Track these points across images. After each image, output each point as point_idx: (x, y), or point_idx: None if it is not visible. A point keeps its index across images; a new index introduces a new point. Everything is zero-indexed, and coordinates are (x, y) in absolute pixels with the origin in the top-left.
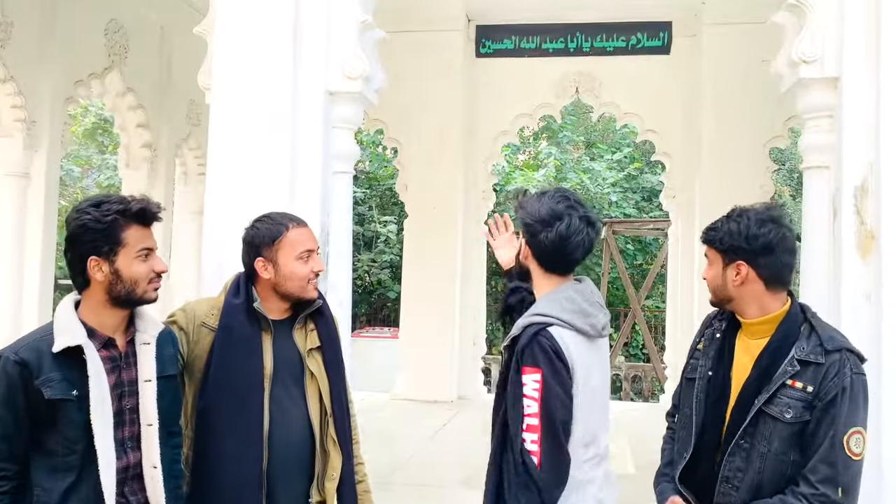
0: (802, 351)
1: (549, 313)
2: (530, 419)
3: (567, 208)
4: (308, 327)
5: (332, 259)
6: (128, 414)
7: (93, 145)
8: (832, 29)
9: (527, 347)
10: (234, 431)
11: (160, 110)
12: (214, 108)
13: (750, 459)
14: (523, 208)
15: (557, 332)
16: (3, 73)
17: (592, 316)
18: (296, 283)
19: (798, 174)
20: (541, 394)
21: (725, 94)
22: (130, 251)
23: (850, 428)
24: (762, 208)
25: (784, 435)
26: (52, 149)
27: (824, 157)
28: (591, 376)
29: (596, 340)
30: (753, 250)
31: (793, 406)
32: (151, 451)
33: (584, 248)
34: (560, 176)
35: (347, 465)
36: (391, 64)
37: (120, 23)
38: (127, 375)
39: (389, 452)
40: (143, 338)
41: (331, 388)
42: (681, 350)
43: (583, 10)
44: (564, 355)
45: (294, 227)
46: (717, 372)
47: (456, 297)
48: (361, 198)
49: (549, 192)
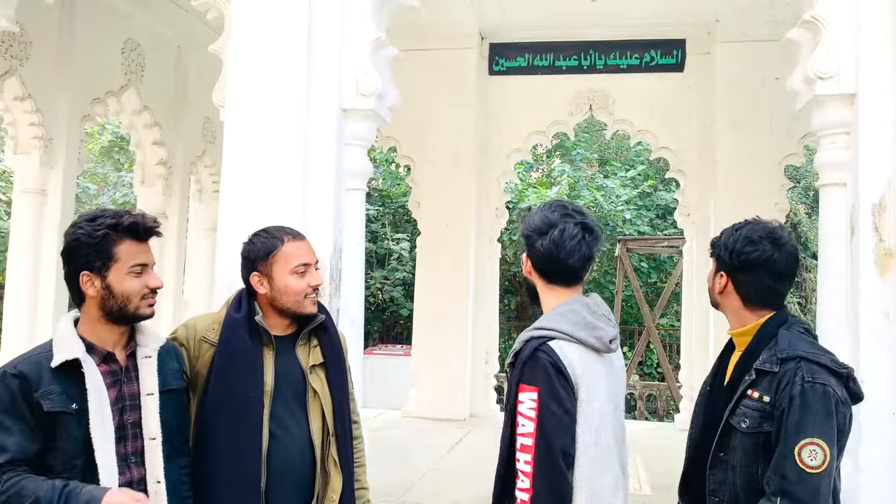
0: (760, 360)
1: (550, 326)
2: (524, 439)
3: (562, 217)
4: (311, 343)
5: (344, 276)
6: (130, 428)
7: (109, 163)
8: (848, 45)
9: (526, 363)
10: (232, 449)
11: (176, 128)
12: (228, 125)
13: (727, 472)
14: (523, 223)
15: (559, 346)
16: (21, 91)
17: (598, 328)
18: (291, 297)
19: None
20: (537, 413)
21: (740, 111)
22: (122, 266)
23: (801, 438)
24: (763, 225)
25: (747, 445)
26: (69, 166)
27: (841, 174)
28: (598, 392)
29: (605, 355)
30: (734, 266)
31: (749, 416)
32: (155, 466)
33: (580, 253)
34: (573, 193)
35: (348, 487)
36: (404, 82)
37: (136, 41)
38: (128, 389)
39: (401, 471)
40: (145, 352)
41: (334, 406)
42: (696, 369)
43: (596, 28)
44: (567, 370)
45: (290, 241)
46: (713, 386)
47: (468, 315)
48: (374, 215)
49: (547, 203)
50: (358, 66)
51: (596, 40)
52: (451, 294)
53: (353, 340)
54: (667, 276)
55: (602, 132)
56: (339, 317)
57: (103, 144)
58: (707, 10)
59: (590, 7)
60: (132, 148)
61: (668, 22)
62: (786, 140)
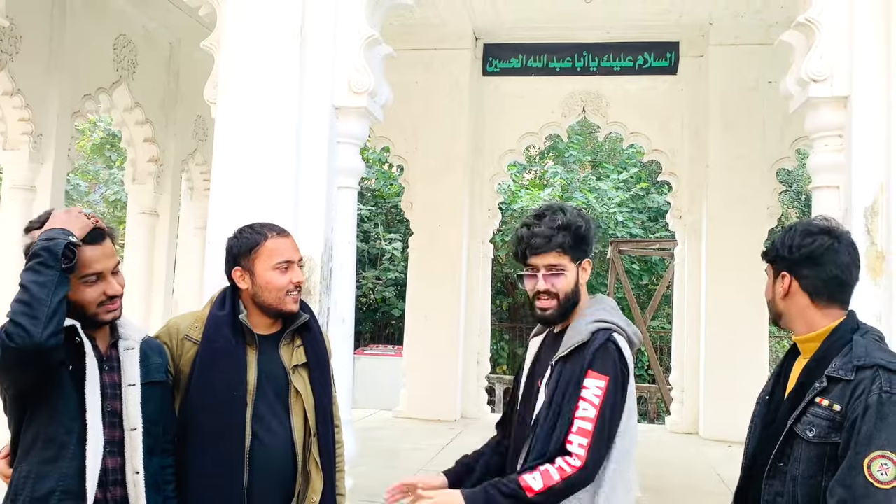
0: (833, 367)
1: (611, 321)
2: (583, 423)
3: (534, 216)
4: (295, 343)
5: (335, 273)
6: (108, 417)
7: (101, 160)
8: (842, 48)
9: (598, 352)
10: (214, 447)
11: (167, 125)
12: (220, 121)
13: (786, 483)
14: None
15: (620, 341)
16: (11, 85)
17: (633, 326)
18: (272, 293)
19: (805, 196)
20: (602, 401)
21: (732, 114)
22: (76, 275)
23: (872, 451)
24: (815, 221)
25: (810, 455)
26: (59, 162)
27: (833, 177)
28: (633, 388)
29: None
30: (795, 260)
31: (816, 424)
32: (134, 457)
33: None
34: (566, 195)
35: (329, 488)
36: (398, 81)
37: (129, 38)
38: (109, 378)
39: (392, 471)
40: (127, 343)
41: (316, 406)
42: (687, 371)
43: (590, 30)
44: (627, 365)
45: (273, 237)
46: (773, 394)
47: (460, 316)
48: (367, 215)
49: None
50: (351, 63)
51: (590, 42)
52: (443, 295)
53: (343, 339)
54: (658, 279)
55: (595, 134)
56: (330, 315)
57: (95, 141)
58: (701, 13)
59: (584, 9)
60: (123, 145)
61: (661, 24)
62: (778, 144)
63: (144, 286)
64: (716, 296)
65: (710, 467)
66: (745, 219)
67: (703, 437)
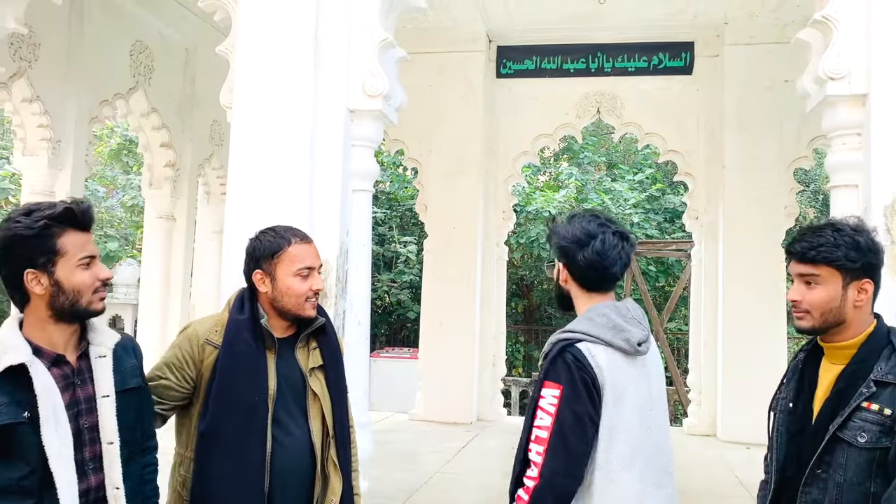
0: (880, 371)
1: (578, 329)
2: (540, 431)
3: (599, 226)
4: (311, 346)
5: (350, 276)
6: (87, 433)
7: (118, 166)
8: (860, 45)
9: (552, 362)
10: (238, 454)
11: (183, 130)
12: (235, 126)
13: (826, 490)
14: (557, 234)
15: (586, 348)
16: (30, 92)
17: (626, 331)
18: (293, 299)
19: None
20: (556, 409)
21: (748, 114)
22: (70, 260)
23: None
24: (857, 220)
25: (860, 462)
26: (77, 168)
27: (852, 176)
28: (626, 394)
29: (636, 357)
30: (879, 266)
31: (867, 430)
32: (113, 472)
33: (622, 262)
34: (581, 197)
35: (348, 489)
36: (412, 84)
37: (145, 44)
38: (83, 392)
39: (408, 474)
40: (98, 350)
41: (333, 408)
42: (704, 373)
43: (604, 31)
44: (593, 371)
45: (297, 243)
46: (797, 403)
47: (475, 318)
48: (381, 218)
49: (578, 214)
50: (365, 67)
51: (604, 43)
52: (458, 297)
53: (359, 342)
54: (675, 280)
55: (610, 135)
56: (346, 318)
57: (112, 147)
58: (716, 12)
59: (597, 10)
60: (140, 150)
61: (676, 24)
62: (795, 143)
63: (161, 290)
64: (733, 297)
65: (728, 470)
66: (763, 219)
67: (721, 439)
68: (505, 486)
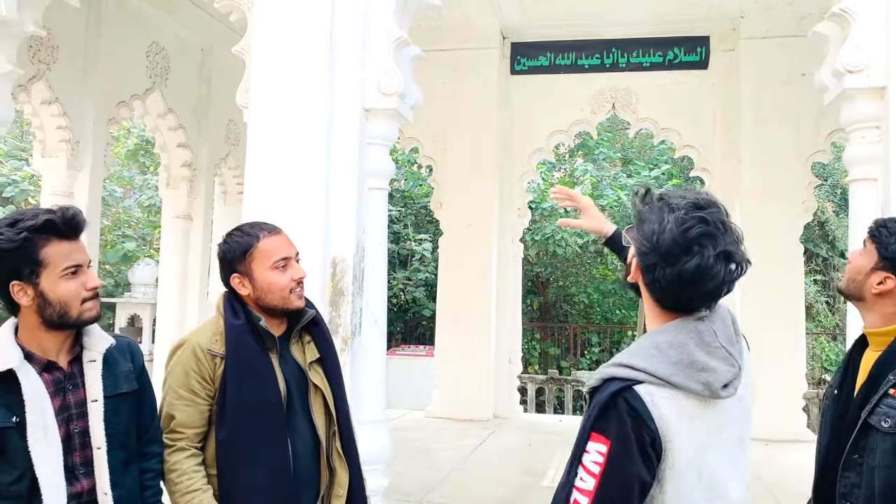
0: None
1: (639, 366)
2: (580, 495)
3: (701, 237)
4: (304, 339)
5: (367, 274)
6: (78, 438)
7: (135, 166)
8: (878, 37)
9: (602, 408)
10: (265, 461)
11: (200, 130)
12: (252, 125)
13: (862, 474)
14: (642, 222)
15: (648, 393)
16: (49, 94)
17: (708, 370)
18: (276, 294)
19: (841, 189)
20: (601, 472)
21: (765, 108)
22: (54, 270)
23: None
24: None
25: (886, 447)
26: (95, 169)
27: (871, 169)
28: (704, 454)
29: (715, 403)
30: None
31: (891, 415)
32: (102, 477)
33: (717, 293)
34: (596, 193)
35: (356, 479)
36: (426, 82)
37: (161, 45)
38: (74, 397)
39: (425, 471)
40: (90, 355)
41: (335, 400)
42: None
43: (618, 26)
44: (654, 426)
45: (266, 236)
46: (841, 389)
47: (491, 315)
48: (397, 216)
49: (675, 201)
50: (380, 65)
51: (618, 38)
52: (474, 294)
53: (376, 339)
54: None
55: (625, 131)
56: (363, 315)
57: (129, 148)
58: (731, 6)
59: (611, 5)
60: (157, 151)
61: (691, 19)
62: (812, 137)
63: (179, 290)
64: (751, 293)
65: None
66: (780, 214)
67: None
68: (523, 483)
